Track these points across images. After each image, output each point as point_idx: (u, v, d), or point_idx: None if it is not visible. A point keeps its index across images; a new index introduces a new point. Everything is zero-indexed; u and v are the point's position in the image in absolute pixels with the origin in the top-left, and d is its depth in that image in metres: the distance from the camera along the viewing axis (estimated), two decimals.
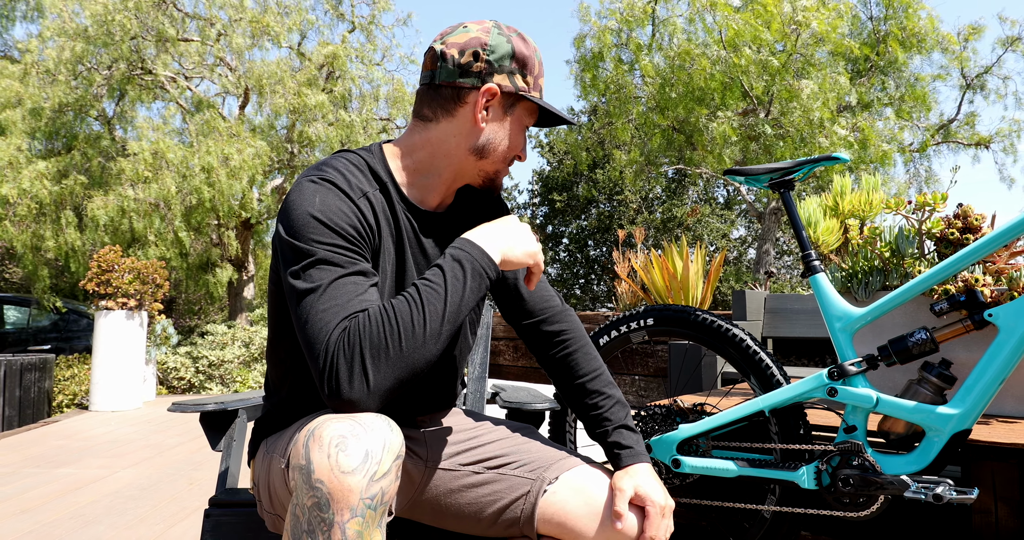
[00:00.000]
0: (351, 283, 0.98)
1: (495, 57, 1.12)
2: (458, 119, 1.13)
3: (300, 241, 1.00)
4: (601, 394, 1.26)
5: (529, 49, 1.15)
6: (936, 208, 1.83)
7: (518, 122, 1.17)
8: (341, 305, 0.95)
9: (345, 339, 0.92)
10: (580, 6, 12.97)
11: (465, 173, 1.18)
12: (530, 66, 1.15)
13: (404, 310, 0.94)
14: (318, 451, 0.84)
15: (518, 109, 1.16)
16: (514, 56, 1.13)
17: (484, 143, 1.14)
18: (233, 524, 1.29)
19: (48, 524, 2.65)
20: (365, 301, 0.97)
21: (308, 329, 0.94)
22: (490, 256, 1.03)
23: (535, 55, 1.16)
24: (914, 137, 14.00)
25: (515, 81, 1.13)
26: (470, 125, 1.13)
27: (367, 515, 0.83)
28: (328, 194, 1.04)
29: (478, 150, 1.15)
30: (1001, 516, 1.55)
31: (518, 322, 1.33)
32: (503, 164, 1.18)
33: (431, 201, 1.19)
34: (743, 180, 1.72)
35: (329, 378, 0.91)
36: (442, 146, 1.15)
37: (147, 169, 8.56)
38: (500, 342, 5.30)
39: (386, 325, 0.92)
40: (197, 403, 1.47)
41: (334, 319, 0.94)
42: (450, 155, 1.15)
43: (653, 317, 1.79)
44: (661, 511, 1.09)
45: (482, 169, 1.18)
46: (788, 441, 1.57)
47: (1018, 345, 1.32)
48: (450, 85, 1.12)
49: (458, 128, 1.14)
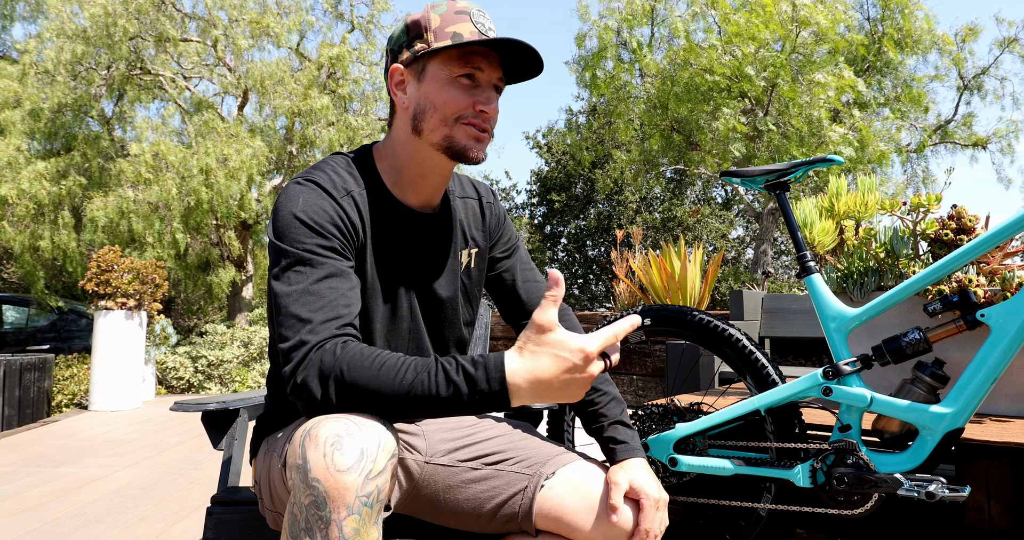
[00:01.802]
0: (327, 287, 1.01)
1: (392, 43, 1.16)
2: (397, 112, 1.18)
3: (282, 242, 1.04)
4: (597, 390, 1.28)
5: (424, 12, 1.12)
6: (930, 209, 1.85)
7: (435, 79, 1.11)
8: (318, 309, 0.98)
9: (322, 361, 0.93)
10: (580, 5, 12.99)
11: (425, 156, 1.17)
12: (424, 25, 1.11)
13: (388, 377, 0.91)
14: (314, 450, 0.85)
15: (429, 68, 1.12)
16: (407, 29, 1.13)
17: (414, 117, 1.14)
18: (235, 522, 1.30)
19: (49, 523, 2.67)
20: (341, 308, 1.00)
21: (283, 331, 0.97)
22: (509, 402, 0.91)
23: (433, 12, 1.11)
24: (911, 138, 14.03)
25: (413, 49, 1.12)
26: (402, 111, 1.16)
27: (363, 512, 0.85)
28: (311, 194, 1.08)
29: (414, 127, 1.14)
30: (994, 514, 1.56)
31: (516, 322, 1.35)
32: (445, 127, 1.12)
33: (414, 200, 1.20)
34: (739, 182, 1.74)
35: (298, 390, 0.93)
36: (399, 141, 1.18)
37: (148, 171, 8.57)
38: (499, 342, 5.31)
39: (365, 377, 0.91)
40: (199, 402, 1.49)
41: (307, 327, 0.96)
42: (405, 146, 1.17)
43: (650, 317, 1.80)
44: (655, 504, 1.11)
45: (430, 142, 1.14)
46: (784, 440, 1.58)
47: (1010, 345, 1.34)
48: (390, 92, 1.18)
49: (400, 120, 1.17)
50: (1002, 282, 1.71)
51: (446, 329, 1.26)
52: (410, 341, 1.20)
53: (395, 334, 1.18)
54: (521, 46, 1.08)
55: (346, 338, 0.97)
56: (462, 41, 1.07)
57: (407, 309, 1.19)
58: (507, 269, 1.35)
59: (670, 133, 12.69)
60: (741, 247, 21.18)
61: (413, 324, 1.20)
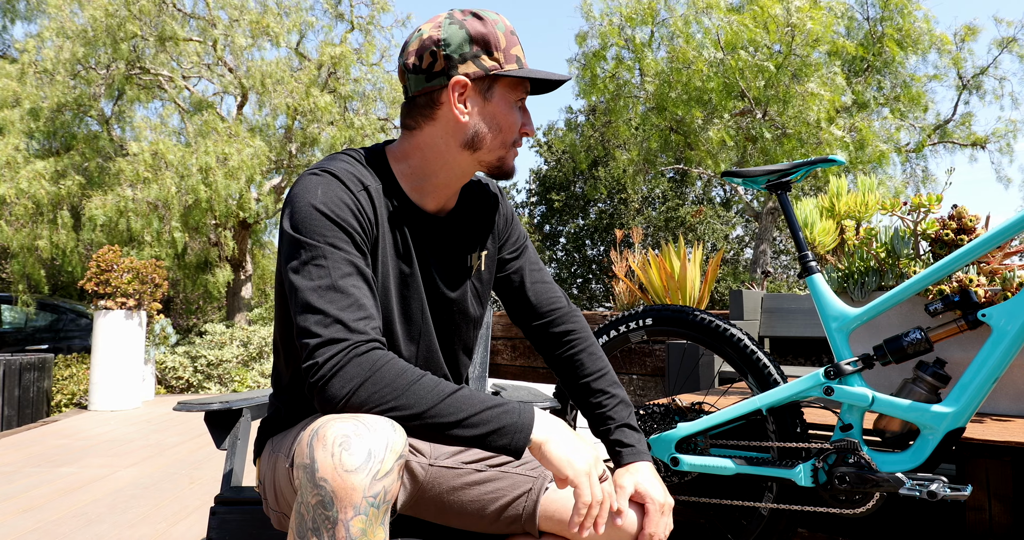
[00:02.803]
0: (352, 285, 0.99)
1: (452, 49, 1.08)
2: (440, 121, 1.12)
3: (302, 234, 1.01)
4: (605, 393, 1.28)
5: (488, 26, 1.10)
6: (931, 209, 1.85)
7: (503, 102, 1.12)
8: (345, 308, 0.97)
9: (357, 363, 0.93)
10: (583, 3, 12.98)
11: (465, 170, 1.16)
12: (493, 42, 1.10)
13: (422, 395, 0.94)
14: (322, 450, 0.85)
15: (498, 89, 1.12)
16: (472, 40, 1.09)
17: (473, 135, 1.12)
18: (238, 521, 1.31)
19: (52, 522, 2.67)
20: (371, 309, 0.99)
21: (310, 326, 0.96)
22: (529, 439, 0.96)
23: (496, 28, 1.10)
24: (911, 137, 14.05)
25: (482, 63, 1.09)
26: (454, 123, 1.11)
27: (370, 513, 0.85)
28: (330, 184, 1.06)
29: (469, 144, 1.12)
30: (995, 513, 1.57)
31: (525, 323, 1.34)
32: (503, 149, 1.14)
33: (431, 204, 1.18)
34: (740, 182, 1.74)
35: (322, 387, 0.93)
36: (432, 149, 1.14)
37: (147, 170, 8.57)
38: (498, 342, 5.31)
39: (394, 390, 0.93)
40: (203, 402, 1.49)
41: (337, 326, 0.95)
42: (442, 156, 1.14)
43: (652, 317, 1.81)
44: (660, 509, 1.10)
45: (482, 160, 1.14)
46: (785, 439, 1.59)
47: (1011, 344, 1.34)
48: (422, 93, 1.11)
49: (443, 129, 1.12)
50: (1003, 282, 1.71)
51: (455, 333, 1.25)
52: (420, 343, 1.19)
53: (404, 336, 1.16)
54: (564, 80, 1.14)
55: (379, 344, 0.97)
56: (529, 71, 1.11)
57: (417, 311, 1.17)
58: (515, 270, 1.33)
59: (669, 134, 12.69)
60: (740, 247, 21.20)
61: (424, 327, 1.19)
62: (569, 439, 0.98)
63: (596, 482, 0.96)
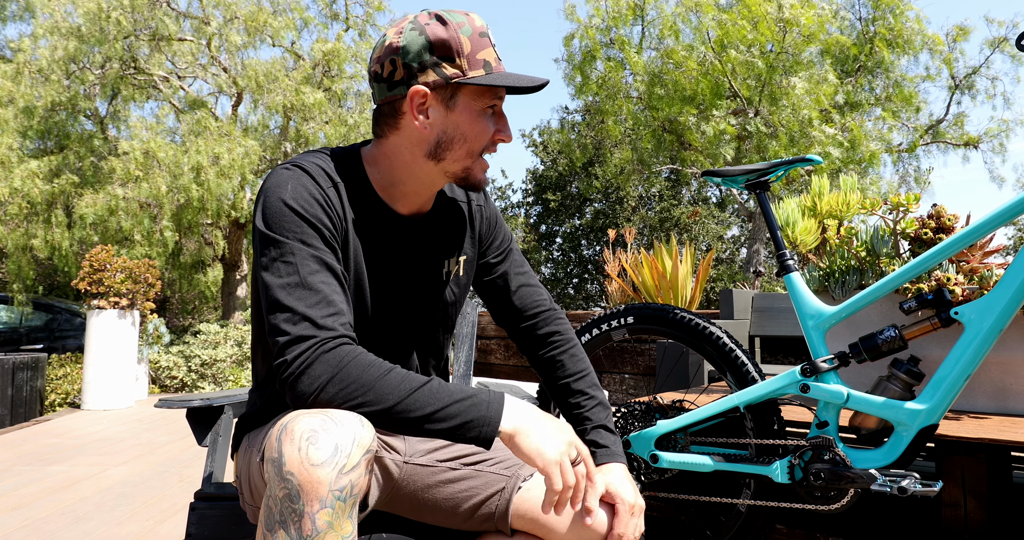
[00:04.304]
0: (321, 281, 1.00)
1: (410, 58, 1.05)
2: (403, 130, 1.10)
3: (272, 231, 1.02)
4: (584, 394, 1.29)
5: (450, 30, 1.05)
6: (910, 209, 1.87)
7: (468, 110, 1.08)
8: (314, 305, 0.97)
9: (324, 360, 0.94)
10: (566, 5, 13.00)
11: (433, 179, 1.15)
12: (455, 47, 1.05)
13: (389, 389, 0.94)
14: (289, 444, 0.87)
15: (461, 97, 1.08)
16: (432, 47, 1.05)
17: (436, 145, 1.09)
18: (217, 517, 1.32)
19: (39, 520, 2.67)
20: (340, 304, 1.00)
21: (280, 324, 0.97)
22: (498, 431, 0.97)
23: (460, 32, 1.05)
24: (903, 137, 14.09)
25: (442, 71, 1.05)
26: (417, 133, 1.09)
27: (336, 506, 0.86)
28: (301, 179, 1.06)
29: (433, 154, 1.10)
30: (970, 509, 1.59)
31: (510, 325, 1.35)
32: (469, 159, 1.11)
33: (403, 208, 1.18)
34: (720, 181, 1.76)
35: (293, 384, 0.94)
36: (398, 158, 1.13)
37: (138, 168, 8.56)
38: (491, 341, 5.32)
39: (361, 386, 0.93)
40: (183, 400, 1.50)
41: (305, 323, 0.96)
42: (408, 166, 1.13)
43: (633, 315, 1.82)
44: (630, 509, 1.11)
45: (446, 170, 1.12)
46: (763, 436, 1.60)
47: (983, 342, 1.36)
48: (385, 102, 1.10)
49: (407, 139, 1.11)
50: (980, 280, 1.73)
51: (423, 334, 1.25)
52: (386, 344, 1.19)
53: (370, 336, 1.16)
54: (540, 85, 1.08)
55: (348, 340, 0.97)
56: (496, 77, 1.06)
57: (384, 311, 1.18)
58: (500, 274, 1.33)
59: (661, 133, 12.71)
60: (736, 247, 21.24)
61: (389, 327, 1.19)
62: (540, 427, 0.98)
63: (568, 468, 0.97)
